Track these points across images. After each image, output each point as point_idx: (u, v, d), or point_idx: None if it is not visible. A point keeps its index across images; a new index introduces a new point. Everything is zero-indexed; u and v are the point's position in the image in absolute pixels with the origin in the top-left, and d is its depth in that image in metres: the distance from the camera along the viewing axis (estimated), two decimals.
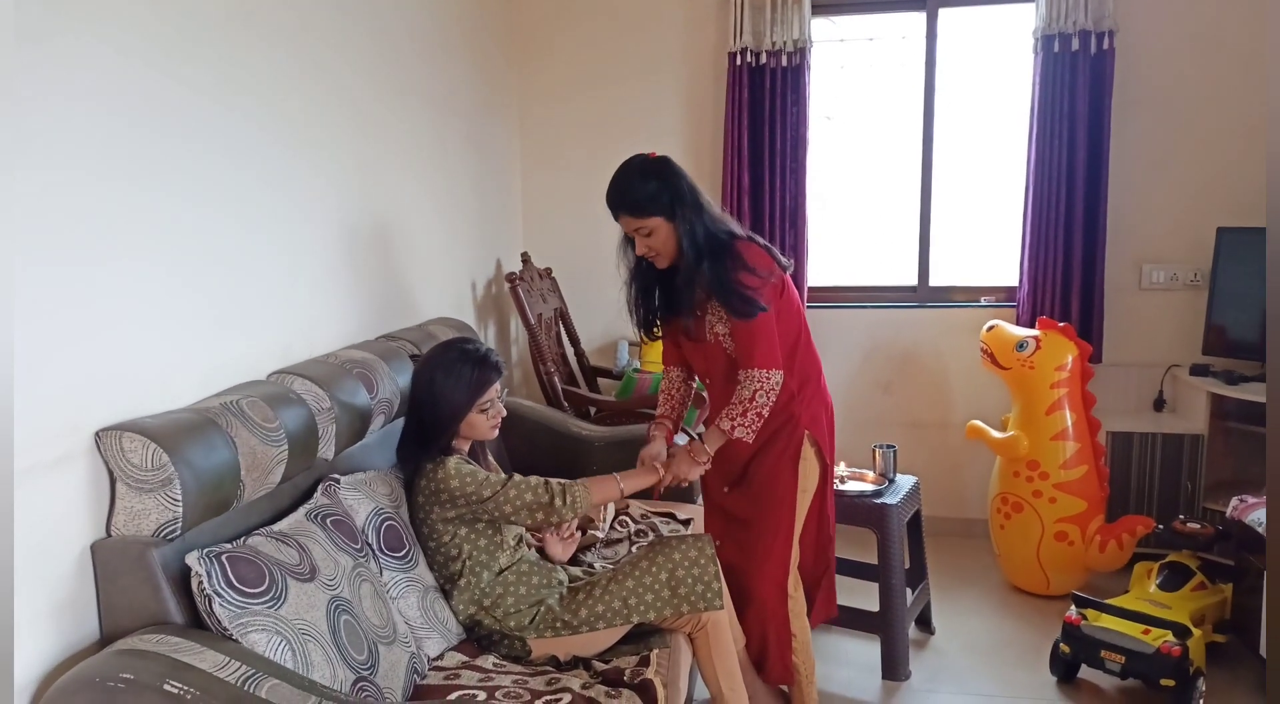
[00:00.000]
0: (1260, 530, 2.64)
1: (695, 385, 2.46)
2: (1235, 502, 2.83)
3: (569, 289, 3.94)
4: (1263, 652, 2.55)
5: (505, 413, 2.14)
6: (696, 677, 2.22)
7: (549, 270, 3.86)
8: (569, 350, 3.87)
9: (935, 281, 3.92)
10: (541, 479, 2.03)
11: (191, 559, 1.49)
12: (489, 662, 1.95)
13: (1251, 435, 3.33)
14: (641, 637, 2.06)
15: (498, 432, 2.14)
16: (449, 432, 2.06)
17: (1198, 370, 3.45)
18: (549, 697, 1.76)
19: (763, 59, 3.70)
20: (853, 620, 2.80)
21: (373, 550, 1.95)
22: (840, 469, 2.90)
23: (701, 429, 2.23)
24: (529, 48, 4.01)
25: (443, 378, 2.04)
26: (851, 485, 2.88)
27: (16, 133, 1.38)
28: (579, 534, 2.40)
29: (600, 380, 3.92)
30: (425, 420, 2.06)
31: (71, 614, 1.48)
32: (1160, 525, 3.12)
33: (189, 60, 1.81)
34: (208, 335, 1.86)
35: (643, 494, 2.32)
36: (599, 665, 1.94)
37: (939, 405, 3.87)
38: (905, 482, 2.96)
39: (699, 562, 2.05)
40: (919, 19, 3.79)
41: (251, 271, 2.03)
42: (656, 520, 2.65)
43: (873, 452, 2.98)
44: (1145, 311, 3.68)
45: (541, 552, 2.26)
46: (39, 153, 1.43)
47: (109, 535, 1.53)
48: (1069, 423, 3.18)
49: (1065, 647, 2.67)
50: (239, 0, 1.99)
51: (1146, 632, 2.54)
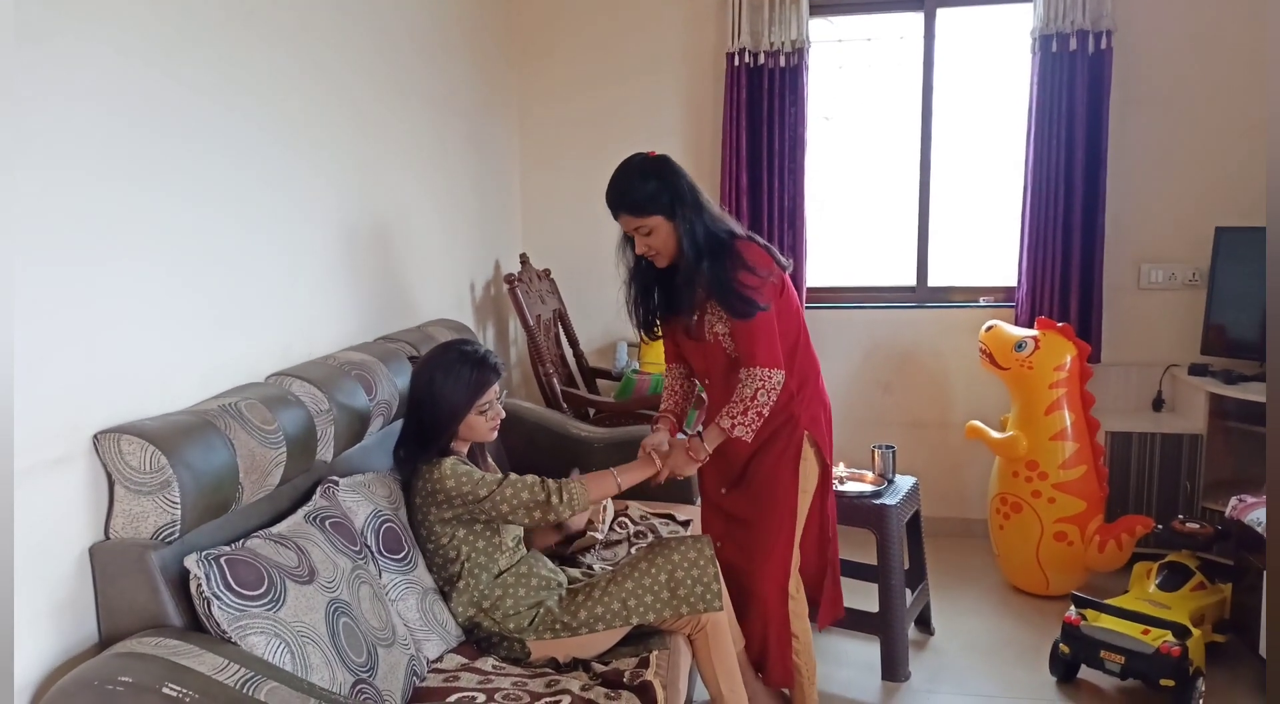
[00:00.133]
0: (1260, 530, 2.64)
1: (696, 386, 2.46)
2: (1234, 501, 2.83)
3: (568, 290, 3.93)
4: (1262, 651, 2.55)
5: (504, 414, 2.14)
6: (696, 678, 2.22)
7: (548, 271, 3.85)
8: (568, 351, 3.87)
9: (934, 282, 3.92)
10: (538, 477, 2.03)
11: (190, 562, 1.49)
12: (488, 664, 1.95)
13: (1251, 435, 3.33)
14: (641, 638, 2.06)
15: (496, 433, 2.14)
16: (448, 433, 2.05)
17: (1196, 370, 3.45)
18: (548, 699, 1.76)
19: (761, 59, 3.70)
20: (852, 621, 2.79)
21: (372, 552, 1.94)
22: (839, 469, 2.89)
23: (701, 429, 2.23)
24: (529, 48, 4.01)
25: (442, 379, 2.03)
26: (851, 486, 2.88)
27: (16, 133, 1.37)
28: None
29: (599, 381, 3.92)
30: (424, 421, 2.05)
31: (71, 616, 1.48)
32: (1159, 525, 3.12)
33: (189, 60, 1.81)
34: (208, 335, 1.86)
35: (642, 494, 2.32)
36: (598, 667, 1.94)
37: (938, 406, 3.87)
38: (904, 482, 2.96)
39: (698, 563, 2.05)
40: (917, 19, 3.79)
41: (251, 272, 2.03)
42: (656, 522, 2.65)
43: (872, 452, 2.98)
44: (1144, 311, 3.68)
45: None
46: (39, 153, 1.43)
47: (108, 538, 1.53)
48: (1068, 423, 3.18)
49: (1065, 647, 2.67)
50: (239, 0, 1.99)
51: (1146, 632, 2.54)
